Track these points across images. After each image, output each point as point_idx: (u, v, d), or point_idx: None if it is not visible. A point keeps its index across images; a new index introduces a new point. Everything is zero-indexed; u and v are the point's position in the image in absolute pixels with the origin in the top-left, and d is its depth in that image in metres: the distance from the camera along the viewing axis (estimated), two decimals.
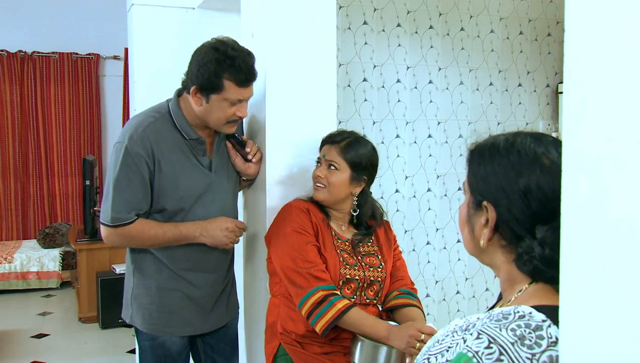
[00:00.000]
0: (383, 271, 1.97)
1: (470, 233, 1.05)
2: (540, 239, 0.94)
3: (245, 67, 1.94)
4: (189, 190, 2.04)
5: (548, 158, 0.96)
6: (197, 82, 1.95)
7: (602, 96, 0.66)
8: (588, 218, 0.69)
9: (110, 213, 2.00)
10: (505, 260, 1.00)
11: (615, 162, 0.65)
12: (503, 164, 0.98)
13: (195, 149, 2.06)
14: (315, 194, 1.98)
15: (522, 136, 1.01)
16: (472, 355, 0.85)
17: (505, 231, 0.98)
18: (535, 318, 0.89)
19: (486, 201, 0.99)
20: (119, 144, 2.00)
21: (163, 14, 3.06)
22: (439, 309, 3.58)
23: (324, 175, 1.95)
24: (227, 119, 2.00)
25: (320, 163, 1.99)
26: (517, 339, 0.85)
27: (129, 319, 2.15)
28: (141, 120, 2.03)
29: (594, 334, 0.69)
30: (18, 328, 4.79)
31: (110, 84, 6.94)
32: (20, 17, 6.54)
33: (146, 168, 1.97)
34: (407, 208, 3.44)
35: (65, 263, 5.95)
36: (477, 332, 0.88)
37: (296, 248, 1.86)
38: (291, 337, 1.91)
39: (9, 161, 6.56)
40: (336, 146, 1.97)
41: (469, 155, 1.06)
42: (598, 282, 0.68)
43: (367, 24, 3.24)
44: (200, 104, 1.99)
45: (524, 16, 3.63)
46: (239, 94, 1.96)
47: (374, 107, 3.29)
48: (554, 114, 3.75)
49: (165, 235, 2.02)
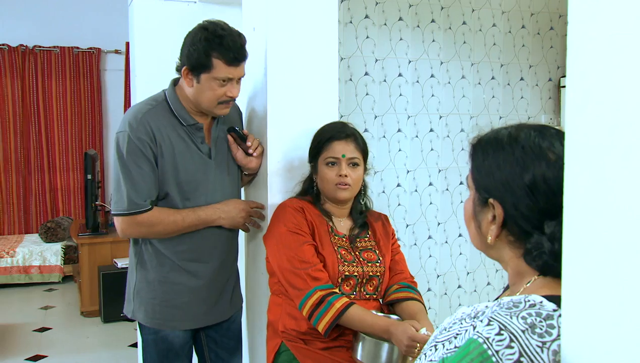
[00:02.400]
0: (381, 265, 1.96)
1: (477, 229, 1.04)
2: (549, 234, 0.93)
3: (234, 46, 1.96)
4: (188, 174, 2.04)
5: (553, 152, 0.95)
6: (188, 63, 1.99)
7: (604, 90, 0.66)
8: (590, 211, 0.69)
9: (125, 202, 1.99)
10: (513, 255, 1.00)
11: (618, 155, 0.65)
12: (508, 159, 0.97)
13: (193, 136, 2.07)
14: (341, 195, 1.94)
15: (525, 129, 1.00)
16: (483, 341, 0.85)
17: (513, 228, 0.98)
18: (546, 307, 0.88)
19: (492, 199, 0.98)
20: (121, 133, 2.01)
21: (164, 7, 3.06)
22: (441, 303, 3.58)
23: (349, 174, 1.92)
24: (218, 99, 2.01)
25: (338, 163, 1.93)
26: (528, 327, 0.85)
27: (130, 314, 2.15)
28: (139, 108, 2.05)
29: (596, 327, 0.69)
30: (20, 322, 4.81)
31: (111, 78, 6.94)
32: (21, 12, 6.53)
33: (151, 151, 1.99)
34: (409, 202, 3.43)
35: (67, 257, 5.96)
36: (488, 318, 0.88)
37: (292, 248, 1.85)
38: (293, 335, 1.90)
39: (11, 155, 6.56)
40: (351, 141, 1.95)
41: (472, 150, 1.05)
42: (600, 275, 0.68)
43: (368, 17, 3.23)
44: (191, 85, 2.02)
45: (526, 10, 3.61)
46: (228, 72, 1.98)
47: (375, 101, 3.29)
48: (556, 108, 3.75)
49: (184, 221, 2.02)
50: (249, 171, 2.23)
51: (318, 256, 1.88)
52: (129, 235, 2.07)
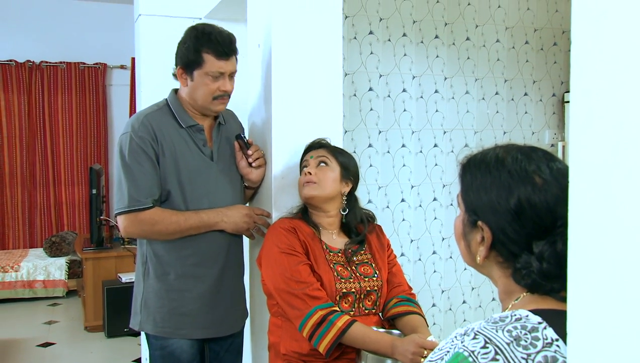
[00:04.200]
0: (378, 279, 1.94)
1: (467, 248, 1.06)
2: (537, 254, 0.94)
3: (223, 40, 2.04)
4: (190, 173, 2.07)
5: (540, 177, 0.96)
6: (181, 62, 2.09)
7: (609, 105, 0.66)
8: (595, 228, 0.68)
9: (126, 199, 2.01)
10: (502, 274, 1.01)
11: (623, 172, 0.64)
12: (495, 183, 0.98)
13: (194, 138, 2.11)
14: (305, 192, 1.94)
15: (512, 152, 1.00)
16: (468, 354, 0.86)
17: (501, 249, 0.99)
18: (531, 320, 0.90)
19: (481, 221, 1.00)
20: (124, 135, 2.08)
21: (170, 24, 3.08)
22: (445, 319, 3.56)
23: (314, 172, 1.94)
24: (212, 94, 2.07)
25: (308, 165, 1.98)
26: (513, 340, 0.87)
27: (138, 326, 2.15)
28: (141, 111, 2.15)
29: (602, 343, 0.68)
30: (24, 337, 4.80)
31: (117, 93, 6.99)
32: (28, 28, 6.59)
33: (152, 150, 2.03)
34: (413, 217, 3.43)
35: (72, 271, 5.96)
36: (474, 332, 0.90)
37: (287, 269, 1.82)
38: (295, 357, 1.88)
39: (17, 169, 6.60)
40: (324, 148, 2.00)
41: (461, 170, 1.06)
42: (606, 292, 0.67)
43: (372, 33, 3.25)
44: (186, 84, 2.10)
45: (529, 26, 3.63)
46: (219, 66, 2.04)
47: (379, 116, 3.30)
48: (560, 124, 3.75)
49: (187, 222, 2.04)
50: (249, 184, 2.24)
51: (314, 275, 1.85)
52: (131, 233, 2.08)
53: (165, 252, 2.09)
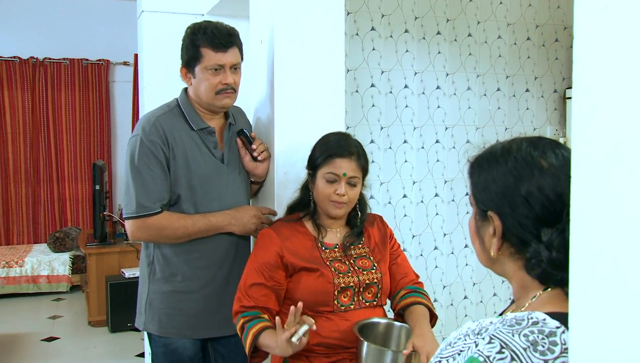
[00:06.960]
0: (377, 272, 1.94)
1: (481, 245, 1.05)
2: (546, 242, 0.94)
3: (219, 33, 2.03)
4: (201, 178, 2.06)
5: (545, 160, 0.96)
6: (183, 61, 2.09)
7: (611, 101, 0.65)
8: (597, 224, 0.68)
9: (134, 204, 2.00)
10: (516, 267, 1.00)
11: (625, 168, 0.64)
12: (501, 171, 0.99)
13: (206, 140, 2.09)
14: (335, 213, 1.91)
15: (517, 141, 1.02)
16: (484, 360, 0.84)
17: (512, 238, 0.98)
18: (549, 324, 0.88)
19: (490, 211, 0.99)
20: (134, 137, 2.04)
21: (172, 20, 3.09)
22: (447, 314, 3.57)
23: (347, 194, 1.88)
24: (214, 88, 2.05)
25: (338, 180, 1.87)
26: (530, 345, 0.84)
27: (142, 326, 2.14)
28: (152, 113, 2.11)
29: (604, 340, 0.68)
30: (28, 332, 4.83)
31: (120, 89, 7.00)
32: (32, 25, 6.61)
33: (162, 154, 2.01)
34: (415, 213, 3.44)
35: (75, 267, 5.99)
36: (490, 336, 0.88)
37: (247, 280, 1.89)
38: (297, 352, 1.89)
39: (21, 165, 6.62)
40: (353, 159, 1.88)
41: (470, 168, 1.07)
42: (608, 289, 0.67)
43: (375, 30, 3.26)
44: (190, 82, 2.09)
45: (531, 22, 3.63)
46: (218, 59, 2.03)
47: (381, 112, 3.31)
48: (561, 120, 3.75)
49: (195, 225, 2.03)
50: (255, 178, 2.24)
51: (311, 275, 1.87)
52: (139, 238, 2.07)
53: (173, 255, 2.09)
